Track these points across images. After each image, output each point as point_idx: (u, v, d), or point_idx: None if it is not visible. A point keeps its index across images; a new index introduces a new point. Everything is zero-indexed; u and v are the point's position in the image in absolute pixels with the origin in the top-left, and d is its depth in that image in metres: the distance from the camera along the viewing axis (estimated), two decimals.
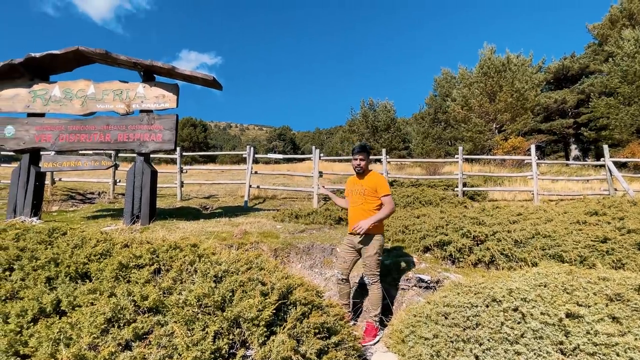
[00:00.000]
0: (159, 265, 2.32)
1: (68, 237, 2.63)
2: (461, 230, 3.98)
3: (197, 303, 1.96)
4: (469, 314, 2.23)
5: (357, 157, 3.26)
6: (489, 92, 20.97)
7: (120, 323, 1.85)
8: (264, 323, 1.90)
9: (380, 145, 27.75)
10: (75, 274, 2.26)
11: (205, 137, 48.89)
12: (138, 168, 5.54)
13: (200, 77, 5.52)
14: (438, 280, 3.43)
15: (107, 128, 5.61)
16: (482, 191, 9.99)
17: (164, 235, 4.75)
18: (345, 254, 3.24)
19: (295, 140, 66.43)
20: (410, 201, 7.42)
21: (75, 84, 5.85)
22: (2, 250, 2.34)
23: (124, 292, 1.99)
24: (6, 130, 5.86)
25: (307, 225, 5.97)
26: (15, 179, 5.76)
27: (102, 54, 5.49)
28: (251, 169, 9.79)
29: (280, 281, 2.24)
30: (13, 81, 6.02)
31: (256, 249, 4.69)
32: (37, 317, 1.95)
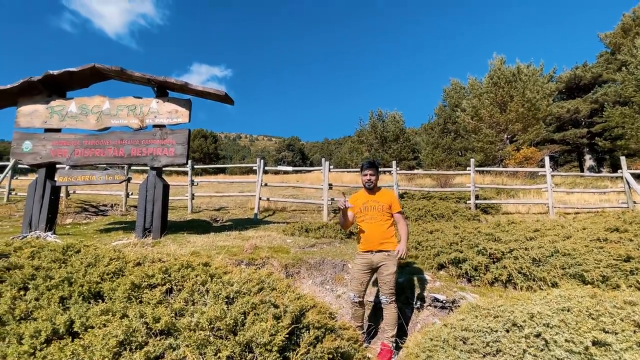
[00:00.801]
0: (171, 285, 2.30)
1: (82, 255, 2.64)
2: (476, 247, 3.88)
3: (209, 326, 1.93)
4: (489, 340, 2.15)
5: (367, 173, 3.25)
6: (499, 102, 20.80)
7: (132, 346, 1.83)
8: (277, 348, 1.85)
9: (389, 155, 27.66)
10: (89, 294, 2.26)
11: (216, 148, 49.50)
12: (150, 182, 5.60)
13: (213, 93, 5.60)
14: (454, 300, 3.33)
15: (121, 143, 5.71)
16: (495, 204, 9.81)
17: (175, 249, 4.76)
18: (361, 275, 3.15)
19: (304, 150, 66.75)
20: (421, 214, 7.32)
21: (91, 100, 5.99)
22: (17, 269, 2.36)
23: (136, 313, 1.97)
24: (24, 145, 6.01)
25: (318, 240, 5.92)
26: (32, 193, 5.87)
27: (117, 70, 5.63)
28: (261, 181, 9.82)
29: (293, 303, 2.20)
30: (32, 97, 6.19)
31: (267, 264, 4.66)
32: (50, 339, 1.94)
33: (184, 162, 5.65)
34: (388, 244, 3.11)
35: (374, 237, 3.12)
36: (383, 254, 3.08)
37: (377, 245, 3.10)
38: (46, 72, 5.84)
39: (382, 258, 3.08)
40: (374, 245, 3.11)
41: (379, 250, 3.09)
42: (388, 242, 3.12)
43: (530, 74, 20.74)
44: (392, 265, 3.06)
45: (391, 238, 3.15)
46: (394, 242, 3.14)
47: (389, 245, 3.12)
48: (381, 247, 3.09)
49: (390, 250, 3.10)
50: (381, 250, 3.09)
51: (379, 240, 3.10)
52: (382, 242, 3.10)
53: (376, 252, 3.10)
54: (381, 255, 3.08)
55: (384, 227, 3.14)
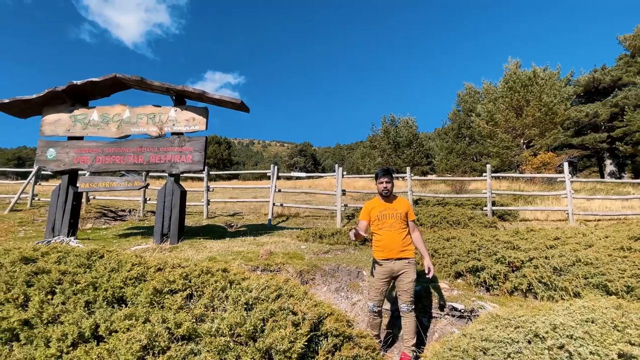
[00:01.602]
0: (192, 291, 2.35)
1: (105, 260, 2.72)
2: (495, 255, 3.81)
3: (229, 332, 1.95)
4: (510, 351, 2.11)
5: (382, 181, 3.24)
6: (515, 107, 20.45)
7: (155, 351, 1.87)
8: (296, 356, 1.86)
9: (402, 161, 27.46)
10: (112, 298, 2.32)
11: (229, 154, 50.13)
12: (168, 188, 5.72)
13: (229, 101, 5.71)
14: (472, 310, 3.28)
15: (140, 150, 5.86)
16: (512, 210, 9.62)
17: (192, 255, 4.83)
18: (381, 283, 3.12)
19: (316, 156, 66.89)
20: (437, 221, 7.23)
21: (112, 109, 6.18)
22: (45, 274, 2.44)
23: (158, 318, 2.02)
24: (48, 153, 6.23)
25: (332, 246, 5.91)
26: (55, 199, 6.07)
27: (137, 80, 5.80)
28: (275, 187, 9.89)
29: (311, 310, 2.21)
30: (56, 107, 6.44)
31: (282, 270, 4.68)
32: (76, 342, 2.00)
33: (201, 168, 5.76)
34: (407, 252, 3.11)
35: (394, 245, 3.10)
36: (404, 262, 3.07)
37: (398, 253, 3.08)
38: (70, 82, 6.06)
39: (402, 265, 3.06)
40: (394, 253, 3.09)
41: (399, 257, 3.08)
42: (407, 250, 3.12)
43: (547, 78, 20.37)
44: (412, 273, 3.06)
45: (409, 245, 3.15)
46: (412, 249, 3.14)
47: (408, 252, 3.12)
48: (401, 254, 3.09)
49: (410, 258, 3.10)
50: (401, 258, 3.08)
51: (399, 248, 3.09)
52: (402, 250, 3.10)
53: (396, 260, 3.08)
54: (402, 263, 3.07)
55: (403, 235, 3.14)
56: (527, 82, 19.92)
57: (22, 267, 2.54)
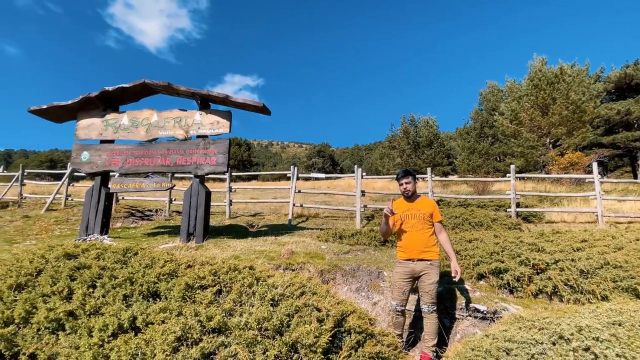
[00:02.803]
0: (221, 287, 2.47)
1: (139, 257, 2.89)
2: (519, 257, 3.76)
3: (257, 326, 2.05)
4: (534, 352, 2.11)
5: (402, 182, 3.25)
6: (540, 105, 19.82)
7: (189, 342, 1.99)
8: (321, 350, 1.94)
9: (422, 161, 27.12)
10: (147, 293, 2.47)
11: (249, 155, 50.94)
12: (194, 189, 5.95)
13: (251, 104, 5.87)
14: (495, 311, 3.26)
15: (168, 152, 6.12)
16: (537, 212, 9.36)
17: (217, 253, 5.00)
18: (403, 283, 3.15)
19: (334, 156, 66.94)
20: (458, 222, 7.14)
21: (141, 113, 6.47)
22: (86, 269, 2.62)
23: (191, 312, 2.14)
24: (82, 156, 6.59)
25: (352, 246, 5.96)
26: (88, 199, 6.42)
27: (164, 85, 6.06)
28: (295, 188, 10.02)
29: (334, 307, 2.28)
30: (89, 112, 6.80)
31: (303, 269, 4.77)
32: (116, 332, 2.15)
33: (224, 170, 5.95)
34: (430, 253, 3.10)
35: (415, 246, 3.12)
36: (425, 263, 3.07)
37: (419, 254, 3.09)
38: (102, 88, 6.39)
39: (424, 267, 3.07)
40: (416, 254, 3.10)
41: (421, 259, 3.09)
42: (430, 251, 3.11)
43: (575, 75, 19.64)
44: (434, 275, 3.06)
45: (433, 247, 3.13)
46: (436, 251, 3.12)
47: (431, 254, 3.11)
48: (423, 255, 3.09)
49: (433, 259, 3.09)
50: (423, 259, 3.09)
51: (421, 249, 3.10)
52: (424, 251, 3.10)
53: (418, 261, 3.10)
54: (423, 264, 3.08)
55: (425, 236, 3.13)
56: (554, 80, 19.27)
57: (66, 262, 2.74)
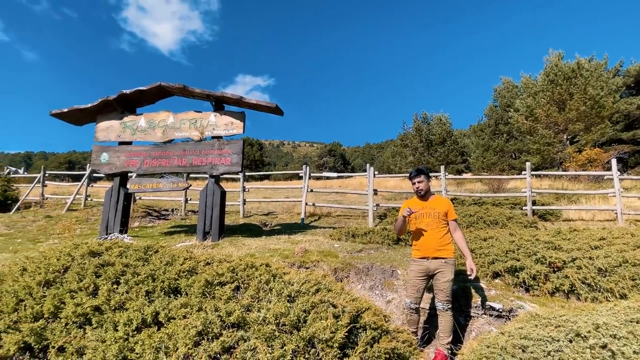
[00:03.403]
0: (239, 283, 2.54)
1: (160, 254, 2.99)
2: (535, 255, 3.72)
3: (275, 321, 2.11)
4: (550, 349, 2.11)
5: (415, 182, 3.27)
6: (557, 101, 19.38)
7: (209, 336, 2.06)
8: (337, 345, 1.98)
9: (435, 159, 26.85)
10: (168, 289, 2.56)
11: (261, 155, 51.35)
12: (209, 189, 6.07)
13: (264, 105, 5.96)
14: (511, 309, 3.24)
15: (184, 153, 6.26)
16: (554, 210, 9.18)
17: (233, 251, 5.10)
18: (418, 281, 3.17)
19: (345, 155, 66.83)
20: (473, 221, 7.08)
21: (158, 115, 6.63)
22: (110, 266, 2.73)
23: (211, 307, 2.22)
24: (101, 157, 6.80)
25: (365, 245, 5.99)
26: (108, 199, 6.62)
27: (180, 88, 6.20)
28: (307, 187, 10.09)
29: (350, 304, 2.32)
30: (107, 114, 7.00)
31: (317, 267, 4.83)
32: (140, 327, 2.24)
33: (239, 170, 6.05)
34: (444, 251, 3.11)
35: (430, 244, 3.13)
36: (440, 261, 3.08)
37: (434, 252, 3.11)
38: (120, 91, 6.58)
39: (438, 265, 3.08)
40: (430, 252, 3.12)
41: (436, 257, 3.10)
42: (444, 249, 3.11)
43: (593, 69, 19.13)
44: (449, 273, 3.06)
45: (447, 245, 3.13)
46: (450, 249, 3.12)
47: (445, 252, 3.11)
48: (437, 254, 3.10)
49: (447, 258, 3.09)
50: (437, 257, 3.10)
51: (435, 247, 3.11)
52: (438, 249, 3.10)
53: (432, 259, 3.11)
54: (437, 263, 3.09)
55: (440, 234, 3.13)
56: (571, 75, 18.82)
57: (91, 260, 2.86)
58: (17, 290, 2.56)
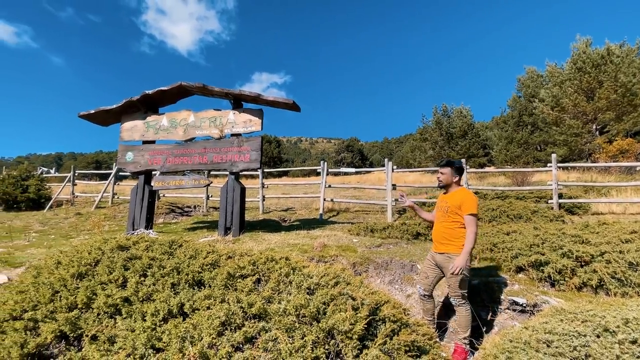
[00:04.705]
0: (259, 276, 2.60)
1: (184, 249, 3.09)
2: (561, 249, 3.61)
3: (295, 313, 2.15)
4: (576, 344, 2.05)
5: (438, 170, 3.31)
6: (585, 90, 18.53)
7: (232, 327, 2.13)
8: (357, 336, 2.01)
9: (456, 153, 26.28)
10: (192, 281, 2.65)
11: (279, 152, 51.71)
12: (230, 186, 6.20)
13: (282, 102, 6.01)
14: (535, 304, 3.16)
15: (204, 151, 6.41)
16: (582, 203, 8.83)
17: (253, 246, 5.20)
18: (428, 269, 3.21)
19: (363, 150, 66.33)
20: (495, 215, 6.91)
21: (179, 114, 6.81)
22: (137, 260, 2.85)
23: (233, 299, 2.28)
24: (127, 156, 7.05)
25: (384, 240, 5.96)
26: (134, 197, 6.86)
27: (200, 87, 6.33)
28: (325, 183, 10.12)
29: (369, 297, 2.34)
30: (131, 115, 7.24)
31: (335, 262, 4.86)
32: (166, 317, 2.33)
33: (258, 166, 6.14)
34: (449, 246, 3.02)
35: (436, 238, 3.15)
36: (444, 256, 3.04)
37: (437, 246, 3.10)
38: (143, 92, 6.78)
39: (442, 259, 3.05)
40: (435, 246, 3.14)
41: (440, 252, 3.08)
42: (450, 244, 3.02)
43: (624, 55, 18.14)
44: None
45: (455, 240, 3.01)
46: (458, 245, 2.99)
47: (450, 247, 3.02)
48: (441, 248, 3.07)
49: (451, 253, 3.00)
50: (442, 252, 3.06)
51: (439, 241, 3.09)
52: (442, 243, 3.06)
53: (437, 253, 3.11)
54: (442, 257, 3.06)
55: (444, 228, 3.07)
56: (600, 61, 17.94)
57: (119, 253, 2.99)
58: (52, 282, 2.71)
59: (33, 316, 2.39)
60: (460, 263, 2.85)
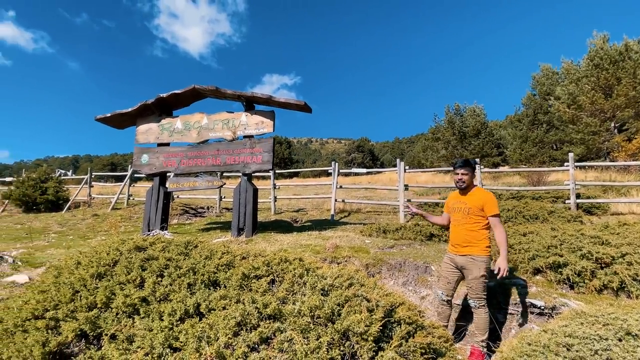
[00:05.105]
0: (274, 277, 2.61)
1: (199, 249, 3.14)
2: (580, 250, 3.52)
3: (310, 314, 2.16)
4: (597, 348, 2.01)
5: (458, 172, 3.12)
6: (603, 87, 18.05)
7: (248, 327, 2.15)
8: (372, 338, 2.00)
9: (469, 152, 25.92)
10: (208, 281, 2.68)
11: (290, 153, 51.94)
12: (243, 187, 6.26)
13: (293, 103, 6.05)
14: (554, 307, 3.09)
15: (218, 153, 6.50)
16: (601, 203, 8.60)
17: (266, 247, 5.24)
18: (449, 273, 3.12)
19: (374, 151, 66.03)
20: (511, 215, 6.79)
21: (192, 117, 6.91)
22: (154, 260, 2.90)
23: (248, 299, 2.30)
24: (142, 158, 7.19)
25: (396, 241, 5.92)
26: (149, 198, 6.99)
27: (213, 90, 6.42)
28: (336, 184, 10.11)
29: (384, 299, 2.33)
30: (146, 118, 7.38)
31: (348, 263, 4.85)
32: (183, 317, 2.36)
33: (270, 168, 6.19)
34: (471, 248, 2.98)
35: (457, 240, 3.06)
36: (467, 258, 2.98)
37: (458, 248, 3.03)
38: (158, 95, 6.91)
39: (464, 261, 2.99)
40: (456, 248, 3.06)
41: (462, 254, 3.01)
42: (472, 246, 2.98)
43: None
44: (476, 270, 2.94)
45: (478, 242, 2.97)
46: (481, 247, 2.96)
47: (473, 249, 2.97)
48: (463, 250, 3.01)
49: (474, 255, 2.95)
50: (464, 255, 3.00)
51: (461, 244, 3.02)
52: (464, 246, 3.01)
53: (458, 255, 3.04)
54: (464, 259, 3.00)
55: (466, 230, 3.01)
56: (618, 58, 17.45)
57: (137, 254, 3.05)
58: (73, 282, 2.78)
59: (54, 315, 2.45)
60: (504, 265, 2.85)
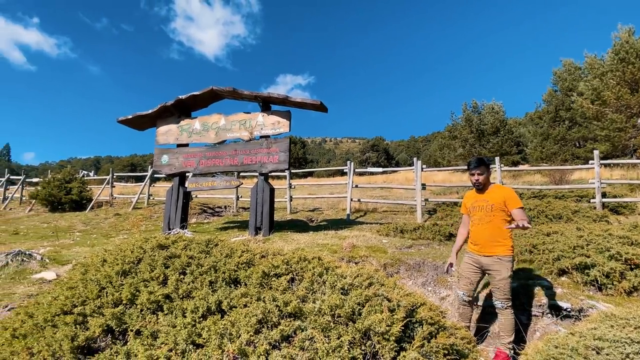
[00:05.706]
0: (293, 275, 2.63)
1: (220, 248, 3.18)
2: (608, 251, 3.39)
3: (330, 313, 2.16)
4: (629, 351, 1.93)
5: (474, 173, 3.03)
6: (629, 81, 17.34)
7: (269, 325, 2.17)
8: (394, 338, 1.98)
9: (487, 150, 25.37)
10: (229, 279, 2.72)
11: (304, 152, 52.09)
12: (259, 186, 6.32)
13: (309, 103, 6.07)
14: (581, 309, 2.99)
15: (235, 153, 6.58)
16: (628, 202, 8.27)
17: (283, 246, 5.27)
18: (471, 273, 3.04)
19: (388, 150, 65.42)
20: (533, 215, 6.60)
21: (210, 118, 7.03)
22: (177, 258, 2.97)
23: (269, 297, 2.32)
24: (162, 159, 7.36)
25: (414, 241, 5.85)
26: (169, 198, 7.15)
27: (230, 91, 6.50)
28: (352, 183, 10.07)
29: (404, 298, 2.31)
30: (166, 119, 7.54)
31: (366, 262, 4.82)
32: (205, 314, 2.40)
33: (286, 167, 6.23)
34: (498, 247, 2.89)
35: (480, 240, 2.96)
36: (493, 259, 2.89)
37: (484, 249, 2.93)
38: (177, 97, 7.05)
39: (490, 262, 2.90)
40: (480, 248, 2.96)
41: (487, 254, 2.92)
42: (498, 245, 2.89)
43: None
44: (504, 270, 2.85)
45: (503, 241, 2.89)
46: (506, 246, 2.87)
47: (499, 249, 2.88)
48: (489, 251, 2.91)
49: (500, 255, 2.86)
50: (489, 255, 2.91)
51: (486, 244, 2.92)
52: (490, 246, 2.91)
53: (483, 256, 2.94)
54: (490, 259, 2.90)
55: (491, 229, 2.91)
56: None
57: (160, 252, 3.12)
58: (99, 279, 2.86)
59: (82, 311, 2.53)
60: (522, 220, 2.68)
